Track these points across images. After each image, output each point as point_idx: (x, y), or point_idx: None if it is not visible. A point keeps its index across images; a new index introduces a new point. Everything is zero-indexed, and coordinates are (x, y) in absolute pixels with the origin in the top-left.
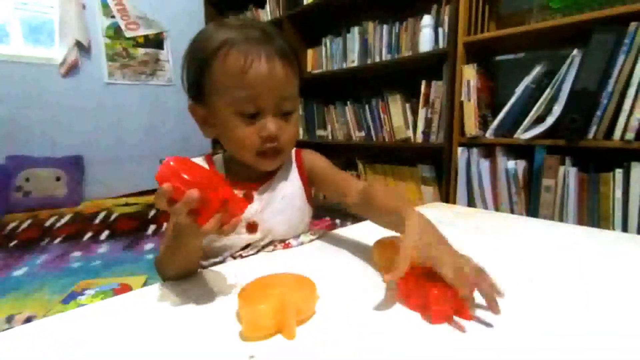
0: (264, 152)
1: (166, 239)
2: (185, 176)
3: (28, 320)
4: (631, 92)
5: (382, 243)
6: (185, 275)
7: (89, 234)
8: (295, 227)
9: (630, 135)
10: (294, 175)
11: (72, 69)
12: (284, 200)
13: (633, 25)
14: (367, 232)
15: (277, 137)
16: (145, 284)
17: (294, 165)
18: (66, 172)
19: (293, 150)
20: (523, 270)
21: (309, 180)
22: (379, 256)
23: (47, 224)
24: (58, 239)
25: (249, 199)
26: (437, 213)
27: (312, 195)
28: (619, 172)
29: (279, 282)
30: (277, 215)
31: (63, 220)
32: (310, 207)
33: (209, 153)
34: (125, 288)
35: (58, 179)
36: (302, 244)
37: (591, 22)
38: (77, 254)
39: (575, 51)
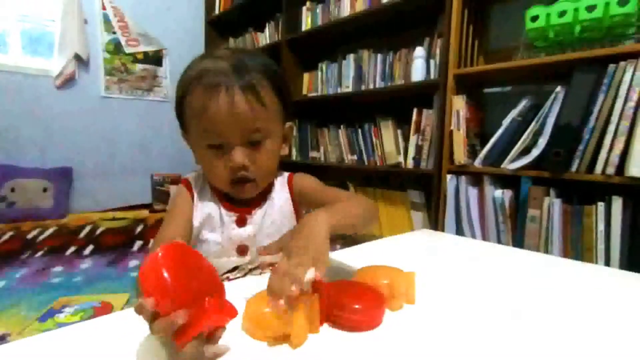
0: (236, 181)
1: None
2: (169, 279)
3: (2, 338)
4: (611, 128)
5: (365, 271)
6: None
7: (72, 248)
8: None
9: (610, 170)
10: (285, 200)
11: (68, 81)
12: (273, 225)
13: (611, 67)
14: (355, 257)
15: (246, 167)
16: (127, 303)
17: (286, 189)
18: (53, 184)
19: (286, 175)
20: (505, 303)
21: (299, 204)
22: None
23: (30, 236)
24: (40, 253)
25: (242, 222)
26: (425, 240)
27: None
28: (601, 205)
29: None
30: (268, 240)
31: (46, 233)
32: None
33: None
34: (106, 307)
35: (45, 190)
36: None
37: (572, 62)
38: (58, 268)
39: (558, 87)
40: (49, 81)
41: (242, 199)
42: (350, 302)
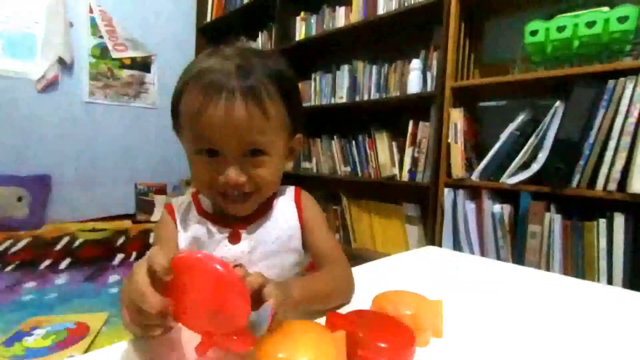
0: (226, 195)
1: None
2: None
3: None
4: (612, 144)
5: (383, 298)
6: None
7: (47, 262)
8: (287, 272)
9: (612, 186)
10: (292, 215)
11: (50, 85)
12: (277, 242)
13: (611, 82)
14: (360, 278)
15: (242, 184)
16: (105, 324)
17: (293, 205)
18: (30, 192)
19: (292, 189)
20: (535, 330)
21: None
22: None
23: (1, 248)
24: (10, 267)
25: (235, 238)
26: (433, 258)
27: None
28: (602, 222)
29: (299, 329)
30: (268, 258)
31: (20, 245)
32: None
33: (194, 191)
34: (82, 328)
35: (20, 199)
36: None
37: (570, 77)
38: (31, 284)
39: (557, 102)
40: (29, 84)
41: (235, 215)
42: (376, 340)
